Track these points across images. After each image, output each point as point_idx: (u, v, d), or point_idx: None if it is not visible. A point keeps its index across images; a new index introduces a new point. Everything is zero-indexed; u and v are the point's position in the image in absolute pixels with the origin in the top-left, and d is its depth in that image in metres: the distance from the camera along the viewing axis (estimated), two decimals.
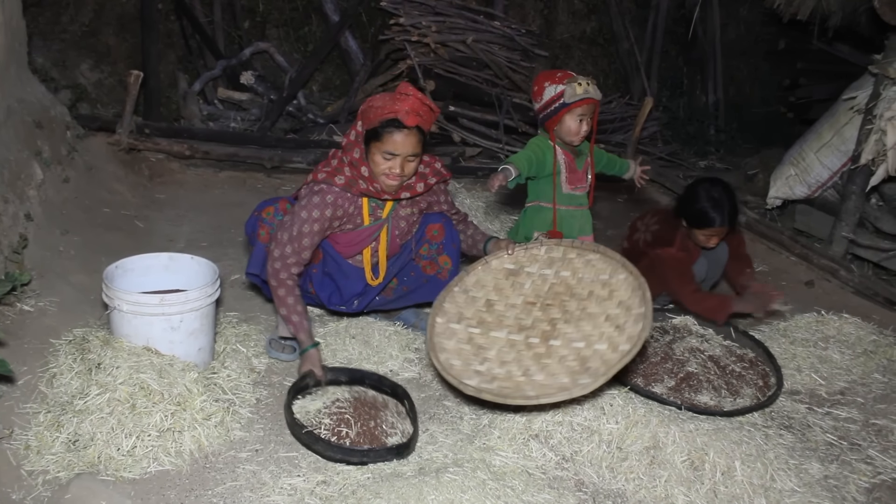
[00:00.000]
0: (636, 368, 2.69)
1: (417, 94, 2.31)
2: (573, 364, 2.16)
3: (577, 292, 2.38)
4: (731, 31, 7.09)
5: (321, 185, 2.42)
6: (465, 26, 5.51)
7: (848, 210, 3.97)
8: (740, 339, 2.95)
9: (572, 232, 2.69)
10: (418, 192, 2.50)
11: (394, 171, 2.35)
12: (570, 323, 2.30)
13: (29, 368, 2.32)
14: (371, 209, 2.52)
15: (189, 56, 5.73)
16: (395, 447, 2.15)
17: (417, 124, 2.30)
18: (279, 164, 4.78)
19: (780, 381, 2.72)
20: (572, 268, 2.45)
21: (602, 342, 2.19)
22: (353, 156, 2.42)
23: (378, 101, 2.33)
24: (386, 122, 2.29)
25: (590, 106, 2.53)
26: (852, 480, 2.26)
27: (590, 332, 2.24)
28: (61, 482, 1.91)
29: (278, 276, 2.41)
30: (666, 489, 2.10)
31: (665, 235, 3.01)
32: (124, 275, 2.49)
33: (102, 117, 4.70)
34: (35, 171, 3.20)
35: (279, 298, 2.41)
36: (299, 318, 2.40)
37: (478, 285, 2.49)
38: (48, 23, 5.30)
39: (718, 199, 2.87)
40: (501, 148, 5.39)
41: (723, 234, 2.95)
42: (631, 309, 2.24)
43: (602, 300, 2.31)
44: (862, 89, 4.03)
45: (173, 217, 3.93)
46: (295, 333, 2.43)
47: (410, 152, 2.34)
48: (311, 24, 6.07)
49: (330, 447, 2.10)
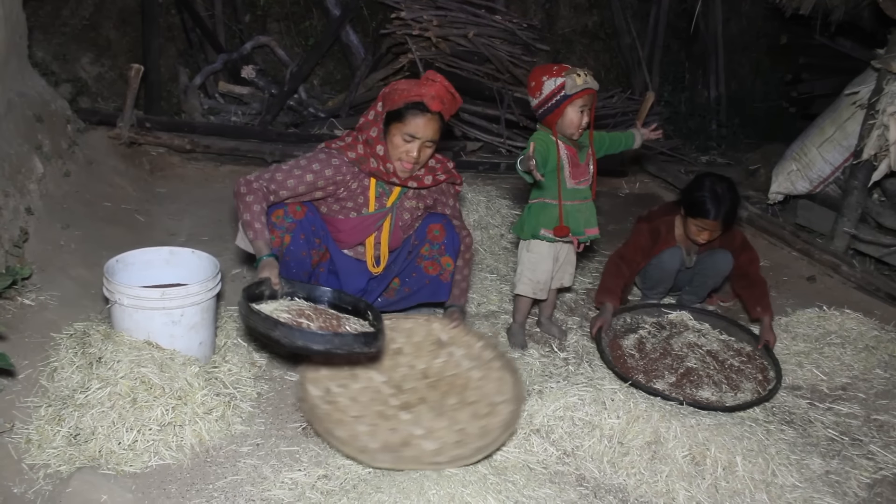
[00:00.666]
0: (637, 366, 2.69)
1: (443, 80, 2.36)
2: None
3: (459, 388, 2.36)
4: (734, 25, 7.07)
5: (331, 150, 2.45)
6: (467, 20, 5.50)
7: (850, 205, 3.96)
8: (737, 333, 2.96)
9: (579, 226, 2.68)
10: (425, 184, 2.51)
11: (411, 155, 2.38)
12: (433, 410, 2.25)
13: (30, 362, 2.32)
14: (378, 194, 2.52)
15: (190, 50, 5.71)
16: (362, 334, 2.06)
17: (440, 110, 2.34)
18: (280, 159, 4.76)
19: (780, 374, 2.72)
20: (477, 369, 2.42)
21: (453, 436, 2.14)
22: (369, 134, 2.44)
23: (404, 84, 2.38)
24: (411, 104, 2.33)
25: (589, 97, 2.52)
26: (853, 476, 2.26)
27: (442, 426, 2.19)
28: (62, 476, 1.91)
29: (251, 184, 2.34)
30: (667, 484, 2.10)
31: (654, 213, 3.16)
32: (125, 269, 2.48)
33: (103, 111, 4.68)
34: (35, 165, 3.19)
35: (245, 204, 2.32)
36: (262, 226, 2.32)
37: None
38: (49, 16, 5.27)
39: (720, 195, 2.87)
40: (503, 142, 5.38)
41: (715, 230, 2.93)
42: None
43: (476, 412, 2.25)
44: (864, 84, 4.01)
45: (174, 211, 3.92)
46: (253, 240, 2.32)
47: (430, 137, 2.38)
48: (313, 18, 6.05)
49: (291, 331, 1.97)
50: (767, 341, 2.85)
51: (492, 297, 3.22)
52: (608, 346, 2.78)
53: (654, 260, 3.06)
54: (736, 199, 2.92)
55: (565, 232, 2.63)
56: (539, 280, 2.75)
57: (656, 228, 3.05)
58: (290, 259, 2.48)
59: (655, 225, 3.06)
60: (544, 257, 2.72)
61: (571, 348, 2.89)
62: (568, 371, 2.68)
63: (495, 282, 3.36)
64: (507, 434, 2.12)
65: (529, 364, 2.70)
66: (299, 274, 2.53)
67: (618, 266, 2.99)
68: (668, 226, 3.06)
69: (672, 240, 3.06)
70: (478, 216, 3.91)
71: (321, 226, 2.53)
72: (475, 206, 3.98)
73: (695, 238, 2.98)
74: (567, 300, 3.30)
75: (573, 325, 3.09)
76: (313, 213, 2.50)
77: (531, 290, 2.77)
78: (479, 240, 3.76)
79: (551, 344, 2.90)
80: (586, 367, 2.70)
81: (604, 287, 2.96)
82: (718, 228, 2.93)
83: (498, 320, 3.03)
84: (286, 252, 2.46)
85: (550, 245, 2.71)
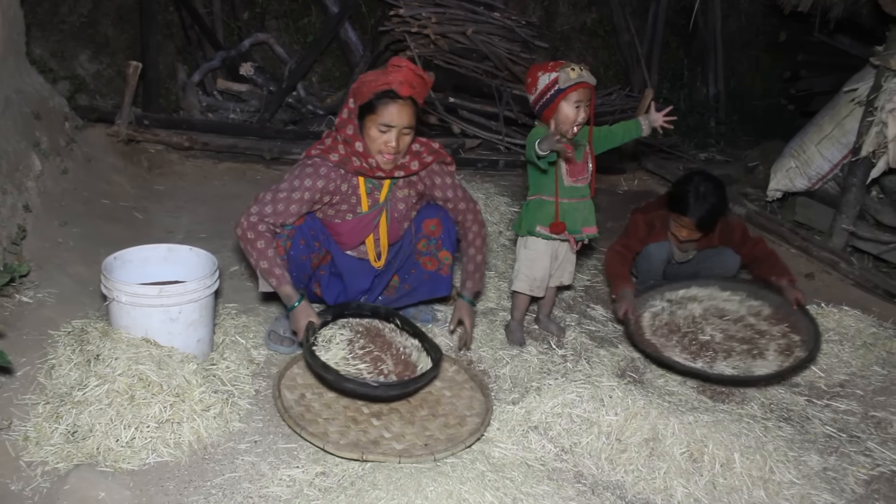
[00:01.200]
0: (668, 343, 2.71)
1: (409, 64, 2.31)
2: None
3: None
4: (732, 22, 7.06)
5: (315, 159, 2.41)
6: (465, 17, 5.48)
7: (848, 202, 3.96)
8: (759, 292, 2.94)
9: (576, 224, 2.67)
10: (413, 170, 2.47)
11: (390, 145, 2.33)
12: (403, 419, 2.29)
13: (28, 360, 2.32)
14: (368, 190, 2.48)
15: (188, 47, 5.70)
16: (436, 360, 2.26)
17: (411, 95, 2.29)
18: (279, 156, 4.76)
19: (817, 331, 2.72)
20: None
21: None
22: (346, 133, 2.40)
23: (370, 75, 2.33)
24: (381, 93, 2.28)
25: (585, 92, 2.50)
26: (851, 472, 2.26)
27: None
28: (60, 473, 1.91)
29: (256, 227, 2.33)
30: (665, 481, 2.10)
31: (650, 206, 3.14)
32: (123, 266, 2.48)
33: (101, 108, 4.67)
34: (33, 163, 3.18)
35: (259, 251, 2.32)
36: (281, 270, 2.33)
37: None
38: (47, 13, 5.26)
39: (701, 194, 2.80)
40: (501, 139, 5.37)
41: (691, 229, 2.85)
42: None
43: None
44: (863, 81, 4.01)
45: (172, 208, 3.92)
46: (278, 288, 2.34)
47: (406, 124, 2.33)
48: (311, 15, 6.04)
49: (390, 387, 2.17)
50: (797, 299, 2.80)
51: (490, 294, 3.22)
52: (634, 329, 2.77)
53: (643, 251, 3.03)
54: (718, 202, 2.83)
55: (561, 228, 2.63)
56: (536, 277, 2.75)
57: (651, 221, 3.03)
58: (290, 264, 2.47)
59: (650, 218, 3.04)
60: (541, 254, 2.72)
61: (570, 345, 2.89)
62: (566, 368, 2.69)
63: (494, 279, 3.36)
64: (474, 438, 2.17)
65: (527, 361, 2.70)
66: (299, 277, 2.53)
67: (621, 255, 2.96)
68: (662, 220, 3.02)
69: (664, 234, 3.02)
70: None
71: (321, 229, 2.52)
72: None
73: (675, 233, 2.93)
74: (566, 297, 3.30)
75: (571, 322, 3.09)
76: (312, 219, 2.49)
77: (528, 288, 2.77)
78: None
79: (550, 341, 2.90)
80: (584, 363, 2.71)
81: (614, 275, 2.91)
82: (694, 228, 2.84)
83: (496, 317, 3.03)
84: (286, 257, 2.46)
85: (548, 242, 2.71)
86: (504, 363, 2.67)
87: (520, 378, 2.59)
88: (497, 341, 2.84)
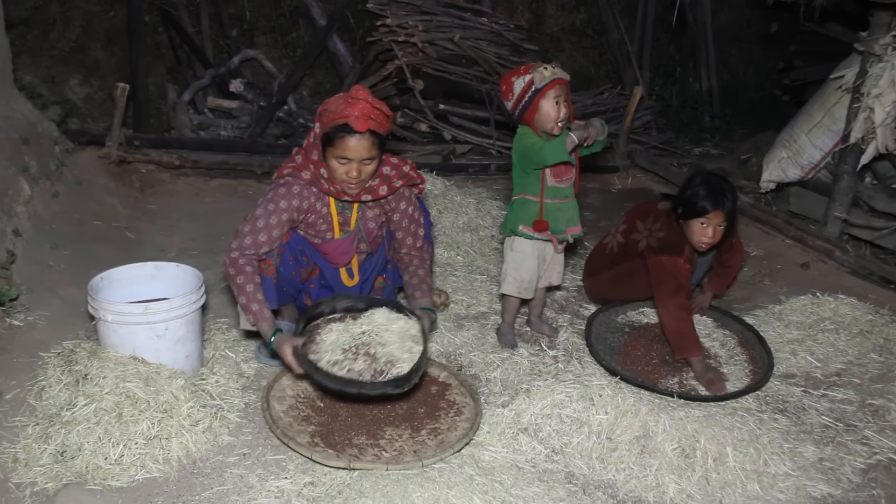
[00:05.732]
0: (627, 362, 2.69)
1: (368, 97, 2.24)
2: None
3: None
4: (723, 16, 7.06)
5: (287, 178, 2.41)
6: (453, 24, 5.51)
7: (841, 190, 3.94)
8: (724, 320, 2.95)
9: (560, 224, 2.67)
10: (381, 195, 2.44)
11: (350, 176, 2.31)
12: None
13: (17, 382, 2.33)
14: (339, 209, 2.48)
15: (178, 66, 5.75)
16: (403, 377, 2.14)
17: (369, 128, 2.24)
18: (270, 170, 4.76)
19: (771, 360, 2.71)
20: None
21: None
22: (311, 157, 2.40)
23: (332, 104, 2.29)
24: (338, 126, 2.25)
25: (562, 87, 2.50)
26: (848, 462, 2.24)
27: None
28: (49, 493, 1.91)
29: (237, 263, 2.34)
30: (657, 478, 2.09)
31: (674, 243, 2.78)
32: (110, 286, 2.49)
33: (91, 131, 4.71)
34: (22, 187, 3.21)
35: (238, 287, 2.33)
36: (259, 306, 2.32)
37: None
38: (36, 40, 5.32)
39: (716, 185, 2.71)
40: (492, 143, 5.38)
41: (719, 221, 2.71)
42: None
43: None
44: (850, 68, 3.99)
45: (164, 227, 3.93)
46: (256, 323, 2.34)
47: (365, 156, 2.29)
48: (299, 29, 6.08)
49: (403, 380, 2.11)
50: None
51: (482, 298, 3.22)
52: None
53: None
54: (733, 187, 2.75)
55: (544, 227, 2.62)
56: (523, 279, 2.74)
57: (673, 253, 2.78)
58: (280, 281, 2.48)
59: (666, 251, 2.78)
60: (528, 256, 2.71)
61: (561, 346, 2.87)
62: (557, 369, 2.67)
63: (485, 283, 3.35)
64: (463, 443, 2.16)
65: (518, 364, 2.69)
66: (290, 291, 2.55)
67: (685, 315, 2.70)
68: (677, 240, 2.80)
69: (694, 265, 2.85)
70: (467, 218, 3.90)
71: (307, 244, 2.54)
72: (465, 209, 3.97)
73: (700, 239, 2.74)
74: (557, 298, 3.29)
75: (564, 322, 3.07)
76: (298, 235, 2.51)
77: (516, 290, 2.76)
78: (468, 242, 3.75)
79: (541, 343, 2.89)
80: (576, 364, 2.69)
81: (683, 335, 2.67)
82: (724, 219, 2.71)
83: (488, 321, 3.02)
84: (276, 274, 2.47)
85: (534, 243, 2.70)
86: (495, 366, 2.66)
87: (510, 381, 2.58)
88: (488, 345, 2.83)
